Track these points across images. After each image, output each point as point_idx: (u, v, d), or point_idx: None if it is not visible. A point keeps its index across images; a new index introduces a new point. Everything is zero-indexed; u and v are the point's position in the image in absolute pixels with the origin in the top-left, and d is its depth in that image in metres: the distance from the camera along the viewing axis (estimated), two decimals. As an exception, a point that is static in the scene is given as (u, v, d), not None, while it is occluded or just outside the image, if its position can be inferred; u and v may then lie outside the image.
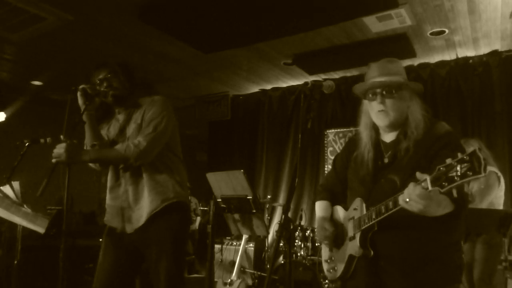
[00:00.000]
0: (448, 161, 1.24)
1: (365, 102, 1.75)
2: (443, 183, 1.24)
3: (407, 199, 1.33)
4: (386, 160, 1.68)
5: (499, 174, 3.36)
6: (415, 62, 5.23)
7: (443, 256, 1.56)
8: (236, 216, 2.11)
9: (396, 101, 1.65)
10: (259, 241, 5.22)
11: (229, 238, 5.28)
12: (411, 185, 1.33)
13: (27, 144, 2.73)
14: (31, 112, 6.67)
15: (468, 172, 1.18)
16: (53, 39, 4.54)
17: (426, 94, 5.31)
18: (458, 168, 1.20)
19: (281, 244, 1.50)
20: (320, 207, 1.91)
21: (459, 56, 5.00)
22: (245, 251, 4.82)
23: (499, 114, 4.74)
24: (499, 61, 4.82)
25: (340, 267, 1.70)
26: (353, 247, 1.64)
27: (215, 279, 4.58)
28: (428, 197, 1.30)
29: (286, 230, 1.41)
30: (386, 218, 1.50)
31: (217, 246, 5.10)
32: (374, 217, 1.54)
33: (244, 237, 4.53)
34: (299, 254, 4.55)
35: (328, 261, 1.81)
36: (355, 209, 1.69)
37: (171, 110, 2.22)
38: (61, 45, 4.70)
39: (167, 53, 4.95)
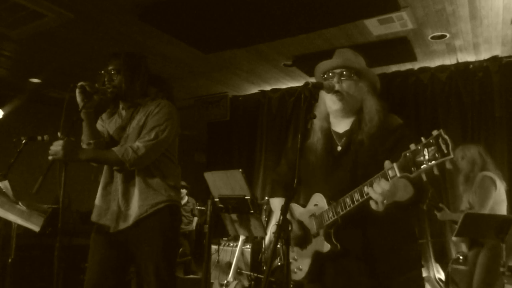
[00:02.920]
0: (412, 146, 1.24)
1: (324, 86, 1.70)
2: (412, 168, 1.23)
3: (378, 192, 1.32)
4: (339, 149, 1.67)
5: (495, 178, 3.33)
6: (416, 66, 5.24)
7: (405, 246, 1.59)
8: (234, 216, 2.09)
9: (352, 86, 1.65)
10: (256, 243, 5.20)
11: (225, 239, 5.26)
12: (380, 180, 1.32)
13: (24, 142, 2.71)
14: (29, 110, 6.65)
15: (436, 154, 1.17)
16: (52, 37, 4.52)
17: (426, 98, 5.34)
18: (425, 152, 1.19)
19: (278, 246, 1.48)
20: (278, 205, 1.87)
21: (460, 60, 5.01)
22: (241, 252, 4.80)
23: (499, 119, 4.74)
24: (499, 67, 4.82)
25: (306, 266, 1.67)
26: (318, 243, 1.61)
27: (211, 280, 4.55)
28: (394, 185, 1.32)
29: (284, 231, 1.39)
30: (350, 211, 1.49)
31: (213, 247, 5.08)
32: (339, 211, 1.52)
33: (241, 238, 4.51)
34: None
35: (291, 261, 1.76)
36: (315, 205, 1.66)
37: (176, 118, 2.19)
38: (60, 43, 4.68)
39: (167, 53, 4.93)
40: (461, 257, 3.89)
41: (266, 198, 5.49)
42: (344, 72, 1.66)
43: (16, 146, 2.74)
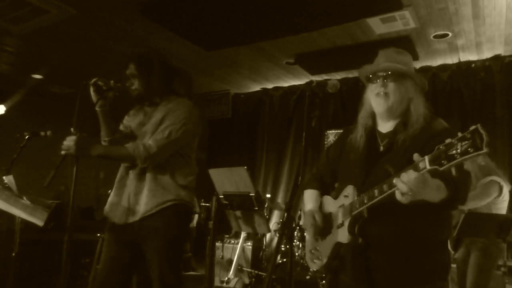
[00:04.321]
0: (448, 140, 1.21)
1: (367, 90, 1.71)
2: (442, 161, 1.20)
3: (404, 181, 1.29)
4: (381, 149, 1.64)
5: (502, 184, 3.31)
6: (417, 65, 5.23)
7: (432, 252, 1.53)
8: (238, 213, 2.10)
9: (398, 87, 1.63)
10: (257, 240, 5.22)
11: (227, 236, 5.28)
12: (409, 170, 1.30)
13: (27, 137, 2.72)
14: (31, 105, 6.65)
15: (469, 149, 1.14)
16: (55, 33, 4.52)
17: (427, 97, 5.29)
18: (459, 146, 1.17)
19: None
20: (309, 196, 1.85)
21: (462, 60, 5.00)
22: (243, 249, 4.81)
23: (500, 119, 4.75)
24: (501, 66, 4.82)
25: (325, 256, 1.65)
26: (341, 234, 1.59)
27: (212, 277, 4.56)
28: (423, 180, 1.27)
29: (288, 228, 1.39)
30: (377, 206, 1.45)
31: (216, 244, 5.09)
32: (366, 201, 1.48)
33: (242, 235, 4.53)
34: (297, 254, 4.54)
35: (313, 251, 1.75)
36: (345, 196, 1.63)
37: (195, 118, 2.17)
38: (63, 39, 4.68)
39: (169, 50, 4.93)
40: (455, 257, 3.89)
41: (268, 196, 5.51)
42: (389, 74, 1.63)
43: (19, 142, 2.75)
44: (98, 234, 3.57)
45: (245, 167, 2.00)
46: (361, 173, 1.62)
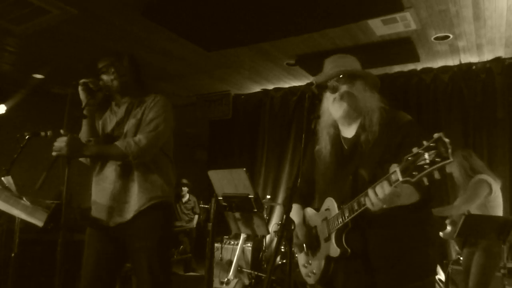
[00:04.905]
0: (415, 150, 1.23)
1: (323, 100, 1.73)
2: (413, 173, 1.22)
3: (381, 198, 1.32)
4: (347, 154, 1.67)
5: (491, 182, 3.34)
6: (418, 66, 5.23)
7: (418, 250, 1.56)
8: (237, 214, 2.10)
9: (349, 89, 1.65)
10: (257, 241, 5.22)
11: (227, 237, 5.28)
12: (383, 182, 1.32)
13: (27, 137, 2.72)
14: (32, 105, 6.66)
15: (436, 159, 1.16)
16: (56, 33, 4.53)
17: (428, 98, 5.33)
18: (426, 155, 1.19)
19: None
20: (293, 212, 1.87)
21: (463, 61, 5.00)
22: (242, 250, 4.81)
23: (501, 121, 4.75)
24: (502, 68, 4.82)
25: (319, 270, 1.68)
26: (329, 247, 1.62)
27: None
28: (396, 193, 1.30)
29: (288, 230, 1.40)
30: (360, 215, 1.48)
31: (215, 245, 5.09)
32: (347, 214, 1.52)
33: (242, 236, 4.53)
34: (296, 255, 4.53)
35: (306, 265, 1.78)
36: (327, 209, 1.67)
37: (171, 111, 2.22)
38: (64, 39, 4.69)
39: (170, 51, 4.94)
40: (461, 258, 3.90)
41: (268, 196, 5.50)
42: (339, 79, 1.66)
43: (19, 142, 2.75)
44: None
45: (244, 169, 2.00)
46: (336, 182, 1.66)
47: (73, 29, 4.43)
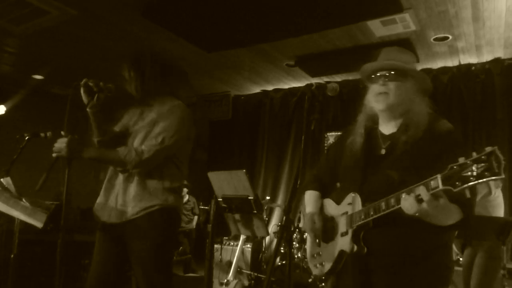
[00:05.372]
0: (462, 159, 1.17)
1: (368, 91, 1.67)
2: (456, 183, 1.17)
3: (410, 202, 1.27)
4: (383, 152, 1.60)
5: (489, 182, 3.32)
6: (418, 67, 5.19)
7: (433, 256, 1.51)
8: (237, 216, 2.10)
9: (399, 86, 1.58)
10: (257, 242, 5.21)
11: (226, 238, 5.27)
12: (420, 188, 1.26)
13: (27, 138, 2.71)
14: (32, 106, 6.66)
15: (485, 173, 1.11)
16: (55, 34, 4.53)
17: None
18: (474, 167, 1.13)
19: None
20: (309, 198, 1.83)
21: (462, 62, 5.01)
22: (242, 251, 4.81)
23: (500, 122, 4.75)
24: (501, 69, 4.83)
25: (329, 263, 1.64)
26: (345, 243, 1.58)
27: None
28: (434, 204, 1.24)
29: (287, 231, 1.39)
30: (383, 216, 1.43)
31: (215, 246, 5.09)
32: (372, 213, 1.46)
33: (242, 237, 4.52)
34: (296, 256, 4.54)
35: (315, 255, 1.73)
36: (349, 203, 1.61)
37: (188, 123, 2.15)
38: (64, 39, 4.69)
39: (170, 51, 4.93)
40: (461, 259, 3.90)
41: (267, 197, 5.50)
42: (390, 74, 1.58)
43: (19, 142, 2.74)
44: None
45: (244, 170, 1.99)
46: (363, 177, 1.59)
47: (72, 30, 4.43)
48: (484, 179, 1.11)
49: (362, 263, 1.54)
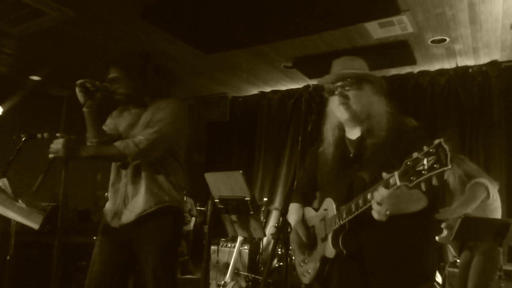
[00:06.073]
0: (415, 155, 1.22)
1: (329, 102, 1.74)
2: (411, 178, 1.21)
3: (378, 201, 1.31)
4: (351, 155, 1.67)
5: (487, 185, 3.34)
6: (415, 69, 5.25)
7: (416, 255, 1.54)
8: (234, 217, 2.10)
9: (356, 94, 1.64)
10: (254, 244, 5.20)
11: (223, 239, 5.27)
12: (380, 187, 1.32)
13: (23, 139, 2.71)
14: (29, 107, 6.63)
15: (435, 165, 1.15)
16: (53, 35, 4.52)
17: (425, 101, 5.35)
18: (425, 161, 1.18)
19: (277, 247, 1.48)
20: (291, 210, 1.87)
21: (459, 65, 5.03)
22: (239, 253, 4.80)
23: (497, 124, 4.77)
24: (498, 71, 4.85)
25: (314, 270, 1.67)
26: (325, 248, 1.61)
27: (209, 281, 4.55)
28: (395, 196, 1.30)
29: (284, 233, 1.40)
30: (357, 217, 1.47)
31: (212, 248, 5.08)
32: (344, 216, 1.51)
33: (239, 239, 4.52)
34: (293, 258, 4.52)
35: (302, 264, 1.78)
36: (325, 209, 1.66)
37: (183, 114, 2.17)
38: (61, 40, 4.68)
39: (168, 52, 4.93)
40: (458, 260, 3.91)
41: (265, 199, 5.50)
42: (345, 83, 1.64)
43: (15, 144, 2.74)
44: (95, 237, 3.56)
45: (241, 171, 1.99)
46: (337, 183, 1.65)
47: (70, 31, 4.42)
48: (434, 172, 1.15)
49: (347, 267, 1.58)
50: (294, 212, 1.85)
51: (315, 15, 3.86)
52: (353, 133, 1.72)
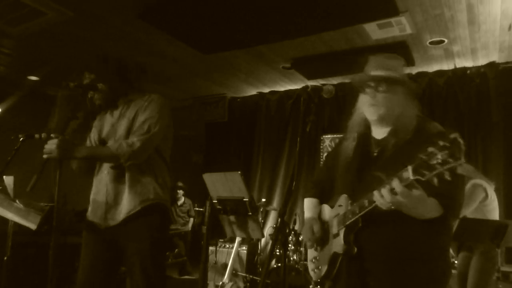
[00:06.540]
0: (430, 149, 1.21)
1: (359, 98, 1.73)
2: (424, 172, 1.21)
3: (390, 187, 1.31)
4: (374, 155, 1.65)
5: (485, 186, 3.35)
6: (414, 70, 5.26)
7: (428, 258, 1.51)
8: (232, 218, 2.10)
9: (388, 96, 1.62)
10: (252, 244, 5.20)
11: (222, 240, 5.26)
12: (394, 180, 1.31)
13: (21, 139, 2.70)
14: (27, 107, 6.62)
15: (448, 159, 1.15)
16: (52, 35, 4.51)
17: (423, 102, 5.32)
18: (439, 155, 1.17)
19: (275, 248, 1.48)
20: (308, 205, 1.87)
21: (457, 66, 5.04)
22: (237, 254, 4.80)
23: (496, 125, 4.78)
24: (496, 73, 4.85)
25: (324, 266, 1.66)
26: (337, 244, 1.60)
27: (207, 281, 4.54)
28: (407, 195, 1.29)
29: (282, 234, 1.40)
30: (371, 214, 1.46)
31: (210, 248, 5.07)
32: (357, 211, 1.50)
33: (237, 239, 4.52)
34: (292, 258, 4.53)
35: (313, 260, 1.77)
36: (340, 205, 1.65)
37: (167, 110, 2.17)
38: (60, 41, 4.67)
39: (166, 53, 4.94)
40: (456, 261, 3.91)
41: (263, 200, 5.49)
42: (378, 86, 1.63)
43: (13, 144, 2.73)
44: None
45: (239, 172, 1.99)
46: (353, 180, 1.63)
47: (69, 31, 4.42)
48: (447, 166, 1.14)
49: (357, 266, 1.54)
50: (310, 207, 1.85)
51: (314, 16, 3.86)
52: (380, 133, 1.69)
